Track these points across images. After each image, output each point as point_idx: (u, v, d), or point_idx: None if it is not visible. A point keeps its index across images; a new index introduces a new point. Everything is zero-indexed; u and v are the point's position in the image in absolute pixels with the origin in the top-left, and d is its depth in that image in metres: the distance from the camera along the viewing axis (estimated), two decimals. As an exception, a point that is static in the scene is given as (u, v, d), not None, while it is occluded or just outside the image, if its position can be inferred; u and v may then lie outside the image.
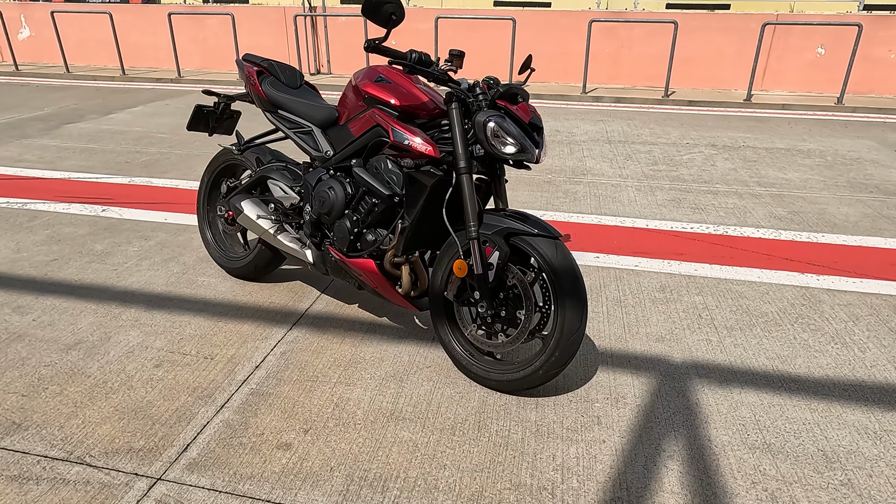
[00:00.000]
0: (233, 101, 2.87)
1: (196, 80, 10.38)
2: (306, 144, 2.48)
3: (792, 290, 2.94)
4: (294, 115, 2.52)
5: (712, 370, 2.28)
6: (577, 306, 1.92)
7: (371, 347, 2.40)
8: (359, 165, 2.24)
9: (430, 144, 2.04)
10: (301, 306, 2.71)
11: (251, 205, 2.63)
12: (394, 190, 2.15)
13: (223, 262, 2.96)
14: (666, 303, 2.80)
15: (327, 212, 2.32)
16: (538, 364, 2.00)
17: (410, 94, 2.16)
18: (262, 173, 2.63)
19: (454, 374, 2.24)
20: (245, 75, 2.68)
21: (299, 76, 2.71)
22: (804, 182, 4.73)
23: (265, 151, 2.77)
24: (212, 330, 2.51)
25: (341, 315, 2.65)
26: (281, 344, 2.41)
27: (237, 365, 2.27)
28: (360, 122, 2.25)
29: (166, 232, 3.57)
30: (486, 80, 2.13)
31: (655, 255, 3.33)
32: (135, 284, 2.90)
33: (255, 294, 2.82)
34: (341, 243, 2.32)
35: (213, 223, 3.04)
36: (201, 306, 2.70)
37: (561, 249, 1.95)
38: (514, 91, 2.01)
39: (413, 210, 2.12)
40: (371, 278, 2.27)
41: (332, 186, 2.31)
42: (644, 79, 9.82)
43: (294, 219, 2.55)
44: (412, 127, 2.09)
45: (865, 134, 6.60)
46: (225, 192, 2.88)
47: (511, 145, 1.94)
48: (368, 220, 2.25)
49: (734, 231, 3.68)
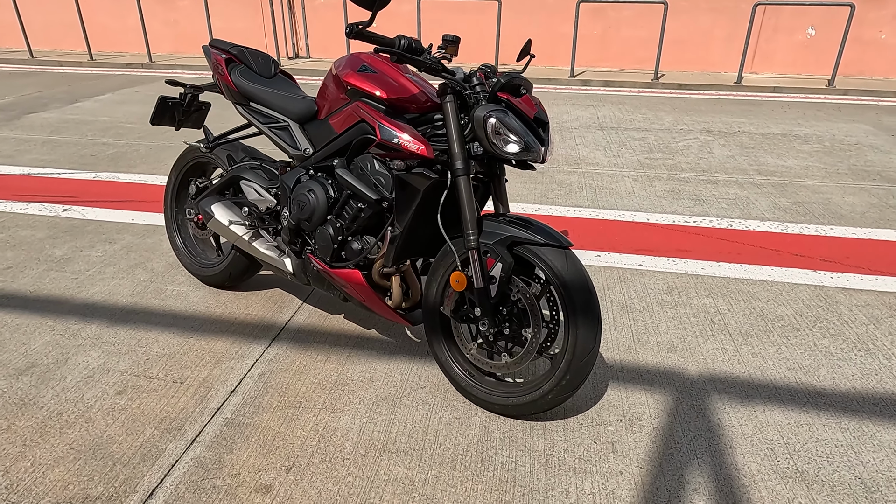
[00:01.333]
0: (201, 91, 2.60)
1: (168, 65, 9.94)
2: (283, 141, 2.23)
3: (806, 289, 2.77)
4: (268, 109, 2.26)
5: (731, 384, 2.10)
6: (590, 324, 1.71)
7: (359, 366, 2.18)
8: (342, 166, 2.00)
9: (422, 143, 1.80)
10: (281, 318, 2.48)
11: (222, 208, 2.38)
12: (382, 194, 1.91)
13: (195, 270, 2.71)
14: (675, 306, 2.61)
15: (307, 217, 2.08)
16: (547, 388, 1.80)
17: (399, 86, 1.92)
18: (235, 173, 2.37)
19: (452, 396, 2.03)
20: (212, 64, 2.41)
21: (273, 64, 2.44)
22: (805, 170, 4.57)
23: (238, 148, 2.51)
24: (182, 348, 2.26)
25: (325, 328, 2.42)
26: (259, 364, 2.18)
27: (210, 390, 2.04)
28: (342, 116, 2.00)
29: (133, 234, 3.30)
30: (481, 68, 1.90)
31: (659, 252, 3.14)
32: (97, 295, 2.64)
33: (231, 305, 2.58)
34: (324, 252, 2.09)
35: (182, 227, 2.78)
36: (170, 320, 2.45)
37: (572, 260, 1.74)
38: (517, 82, 1.78)
39: (404, 217, 1.89)
40: (358, 291, 2.04)
41: (312, 189, 2.07)
42: (633, 61, 9.61)
43: (271, 224, 2.31)
44: (401, 123, 1.86)
45: (860, 117, 6.47)
46: (194, 193, 2.62)
47: (514, 143, 1.72)
48: (354, 226, 2.02)
49: (739, 224, 3.50)
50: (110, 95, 7.37)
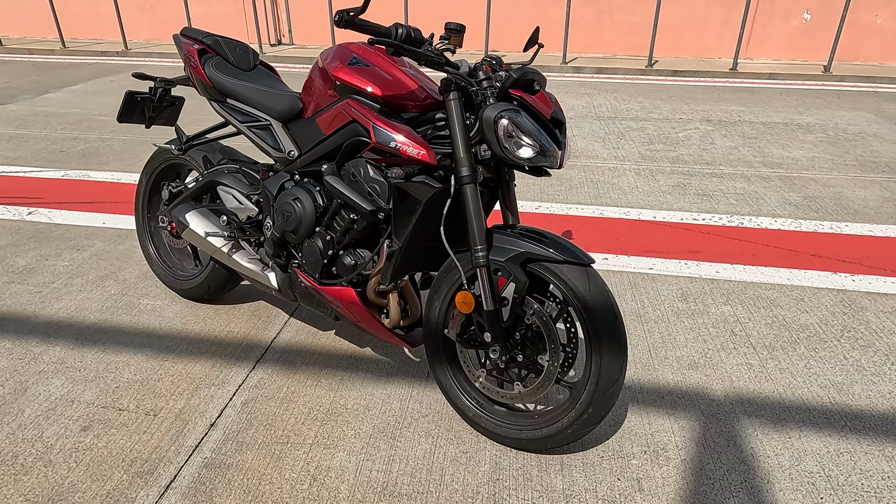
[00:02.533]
0: (173, 85, 2.35)
1: (144, 52, 9.55)
2: (264, 142, 2.00)
3: (828, 294, 2.60)
4: (247, 106, 2.03)
5: (761, 406, 1.93)
6: (616, 351, 1.52)
7: (353, 391, 1.98)
8: (331, 172, 1.78)
9: (422, 147, 1.59)
10: (266, 336, 2.26)
11: (198, 217, 2.14)
12: (377, 204, 1.70)
13: (170, 282, 2.48)
14: (691, 316, 2.43)
15: (293, 229, 1.86)
16: (566, 421, 1.61)
17: (395, 81, 1.69)
18: (211, 178, 2.14)
19: (458, 426, 1.84)
20: (184, 55, 2.16)
21: (252, 55, 2.20)
22: (811, 161, 4.40)
23: (214, 149, 2.27)
24: (156, 373, 2.04)
25: (315, 347, 2.21)
26: (242, 390, 1.97)
27: (187, 423, 1.83)
28: (330, 115, 1.78)
29: (104, 239, 3.05)
30: (487, 60, 1.68)
31: (670, 253, 2.95)
32: (62, 312, 2.40)
33: (210, 321, 2.35)
34: (312, 268, 1.87)
35: (155, 235, 2.54)
36: (143, 340, 2.23)
37: (594, 280, 1.54)
38: (531, 77, 1.56)
39: (403, 230, 1.68)
40: (351, 310, 1.83)
41: (297, 197, 1.84)
42: (626, 47, 9.39)
43: (252, 235, 2.08)
44: (398, 124, 1.64)
45: (860, 105, 6.33)
46: (167, 198, 2.38)
47: (528, 147, 1.51)
48: (345, 240, 1.80)
49: (750, 222, 3.33)
50: (83, 86, 7.02)
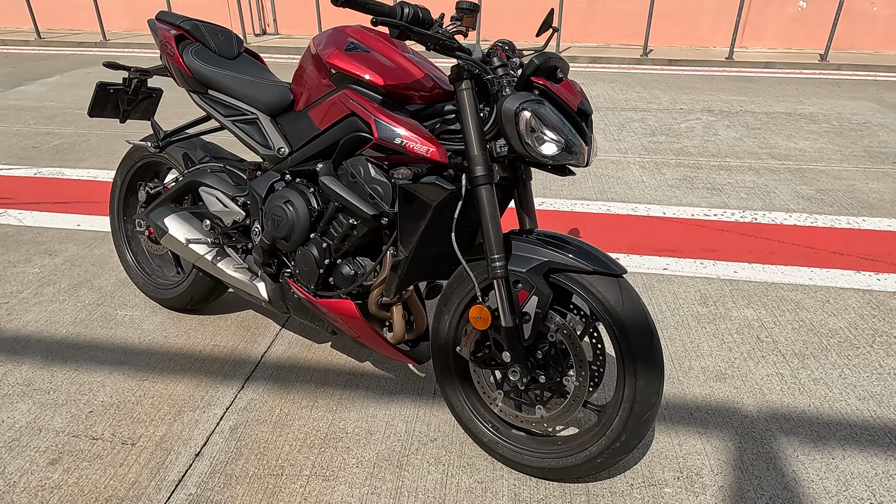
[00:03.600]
0: (149, 75, 2.14)
1: (124, 43, 9.23)
2: (251, 138, 1.80)
3: (854, 294, 2.45)
4: (231, 98, 1.83)
5: (798, 422, 1.78)
6: (652, 373, 1.35)
7: (353, 412, 1.80)
8: (328, 172, 1.59)
9: (432, 144, 1.40)
10: (255, 351, 2.07)
11: (178, 222, 1.94)
12: (380, 208, 1.51)
13: (150, 291, 2.28)
14: (713, 321, 2.27)
15: (284, 236, 1.67)
16: (595, 450, 1.44)
17: (399, 69, 1.50)
18: (192, 178, 1.93)
19: (470, 450, 1.66)
20: (160, 42, 1.95)
21: (236, 42, 2.00)
22: (819, 153, 4.26)
23: (195, 146, 2.07)
24: (134, 395, 1.85)
25: (310, 362, 2.02)
26: (230, 414, 1.78)
27: (169, 453, 1.64)
28: (325, 108, 1.58)
29: (78, 243, 2.83)
30: (499, 45, 1.49)
31: (684, 252, 2.79)
32: (31, 325, 2.20)
33: (194, 334, 2.15)
34: (307, 278, 1.68)
35: (133, 239, 2.33)
36: (120, 356, 2.03)
37: (627, 292, 1.37)
38: (554, 63, 1.38)
39: (410, 238, 1.49)
40: (350, 325, 1.65)
41: (289, 200, 1.65)
42: (619, 36, 9.22)
43: (239, 241, 1.88)
44: (403, 117, 1.45)
45: (861, 94, 6.21)
46: (144, 200, 2.17)
47: (552, 143, 1.33)
48: (344, 247, 1.61)
49: (764, 218, 3.18)
50: (59, 78, 6.72)
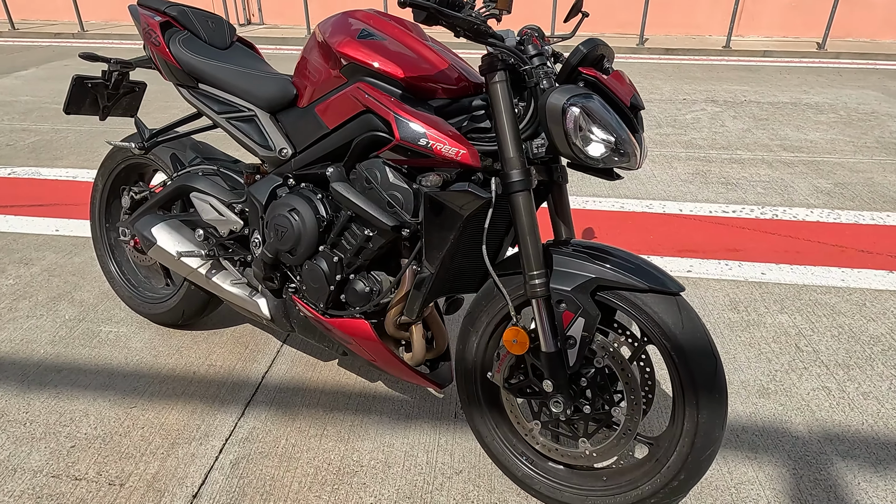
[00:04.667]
0: (131, 68, 1.93)
1: (103, 34, 8.89)
2: (248, 138, 1.60)
3: (891, 297, 2.32)
4: (225, 92, 1.63)
5: (853, 443, 1.63)
6: (716, 405, 1.19)
7: (368, 441, 1.62)
8: (339, 177, 1.40)
9: (462, 145, 1.22)
10: (255, 371, 1.89)
11: (168, 232, 1.74)
12: (400, 218, 1.33)
13: (137, 305, 2.08)
14: (747, 328, 2.12)
15: (289, 248, 1.48)
16: (649, 489, 1.28)
17: (419, 59, 1.32)
18: (182, 182, 1.73)
19: (501, 484, 1.50)
20: (143, 30, 1.75)
21: (229, 29, 1.80)
22: (831, 144, 4.13)
23: (185, 146, 1.87)
24: (122, 426, 1.66)
25: (316, 382, 1.84)
26: (230, 446, 1.60)
27: (163, 495, 1.45)
28: (336, 104, 1.39)
29: (57, 250, 2.61)
30: (528, 30, 1.32)
31: (707, 252, 2.64)
32: (4, 346, 1.99)
33: (187, 352, 1.96)
34: (315, 295, 1.50)
35: (116, 249, 2.13)
36: (105, 380, 1.83)
37: (687, 314, 1.20)
38: (602, 52, 1.21)
39: (437, 252, 1.31)
40: (365, 347, 1.47)
41: (294, 208, 1.46)
42: (614, 25, 9.05)
43: (237, 253, 1.69)
44: (428, 114, 1.27)
45: (864, 83, 6.10)
46: (128, 206, 1.97)
47: (601, 143, 1.16)
48: (357, 261, 1.43)
49: (785, 214, 3.04)
50: (34, 70, 6.42)
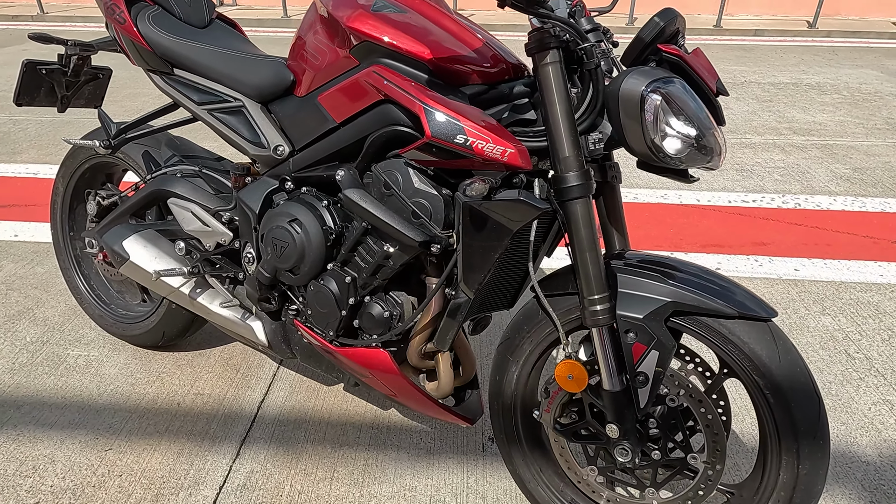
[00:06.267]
0: (92, 51, 1.65)
1: (64, 16, 8.38)
2: (236, 133, 1.35)
3: (935, 294, 2.16)
4: (206, 79, 1.37)
5: (929, 467, 1.46)
6: (819, 455, 0.99)
7: (386, 485, 1.40)
8: (352, 182, 1.16)
9: (509, 142, 0.99)
10: (249, 400, 1.65)
11: (143, 245, 1.48)
12: (429, 232, 1.10)
13: (109, 326, 1.82)
14: (790, 333, 1.94)
15: (291, 267, 1.24)
16: (732, 548, 1.08)
17: (448, 37, 1.08)
18: (158, 186, 1.47)
19: (544, 535, 1.29)
20: (105, 5, 1.47)
21: (207, 5, 1.53)
22: (840, 126, 3.98)
23: (160, 143, 1.60)
24: (95, 474, 1.41)
25: (320, 413, 1.61)
26: (225, 497, 1.36)
27: (147, 564, 1.22)
28: (345, 92, 1.15)
29: (16, 259, 2.33)
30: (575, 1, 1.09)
31: (732, 247, 2.46)
32: (-46, 376, 1.72)
33: (169, 379, 1.71)
34: (323, 321, 1.26)
35: (83, 261, 1.86)
36: (75, 416, 1.58)
37: (783, 344, 1.00)
38: (679, 26, 0.99)
39: (478, 274, 1.08)
40: (384, 381, 1.25)
41: (295, 219, 1.22)
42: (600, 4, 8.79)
43: (226, 269, 1.44)
44: (463, 104, 1.03)
45: (861, 62, 5.98)
46: (95, 212, 1.70)
47: (683, 139, 0.94)
48: (374, 282, 1.20)
49: (807, 203, 2.86)
50: (-10, 56, 5.98)
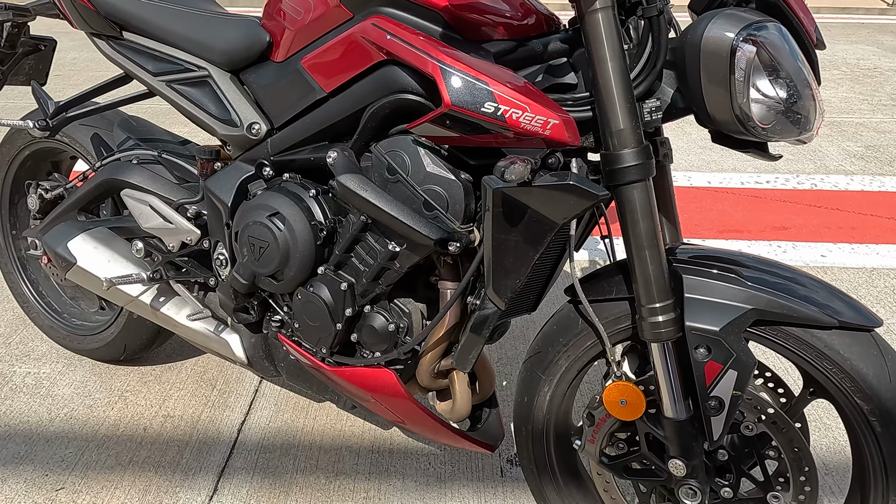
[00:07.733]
0: (29, 16, 1.38)
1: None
2: (200, 109, 1.11)
3: (974, 280, 2.01)
4: (163, 44, 1.13)
5: None
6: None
7: (392, 523, 1.20)
8: (348, 167, 0.93)
9: (552, 111, 0.78)
10: (228, 423, 1.42)
11: (92, 247, 1.23)
12: (447, 227, 0.88)
13: (62, 339, 1.57)
14: (826, 327, 1.77)
15: (272, 271, 1.01)
16: None
17: (467, -21, 0.86)
18: (109, 175, 1.22)
19: (582, 580, 1.10)
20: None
21: (163, -43, 1.28)
22: (846, 102, 3.83)
23: (111, 123, 1.35)
24: (42, 521, 1.18)
25: (311, 435, 1.39)
26: (201, 545, 1.15)
27: None
28: (335, 54, 0.92)
29: (-42, 261, 2.05)
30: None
31: (752, 233, 2.28)
32: None
33: (133, 398, 1.48)
34: (314, 336, 1.04)
35: (29, 264, 1.60)
36: (20, 449, 1.34)
37: (892, 360, 0.81)
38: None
39: (511, 280, 0.85)
40: (389, 405, 1.03)
41: (276, 212, 0.98)
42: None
43: (194, 274, 1.20)
44: (491, 64, 0.81)
45: (855, 37, 5.85)
46: (37, 207, 1.44)
47: (775, 105, 0.74)
48: (376, 289, 0.98)
49: (823, 183, 2.70)
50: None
